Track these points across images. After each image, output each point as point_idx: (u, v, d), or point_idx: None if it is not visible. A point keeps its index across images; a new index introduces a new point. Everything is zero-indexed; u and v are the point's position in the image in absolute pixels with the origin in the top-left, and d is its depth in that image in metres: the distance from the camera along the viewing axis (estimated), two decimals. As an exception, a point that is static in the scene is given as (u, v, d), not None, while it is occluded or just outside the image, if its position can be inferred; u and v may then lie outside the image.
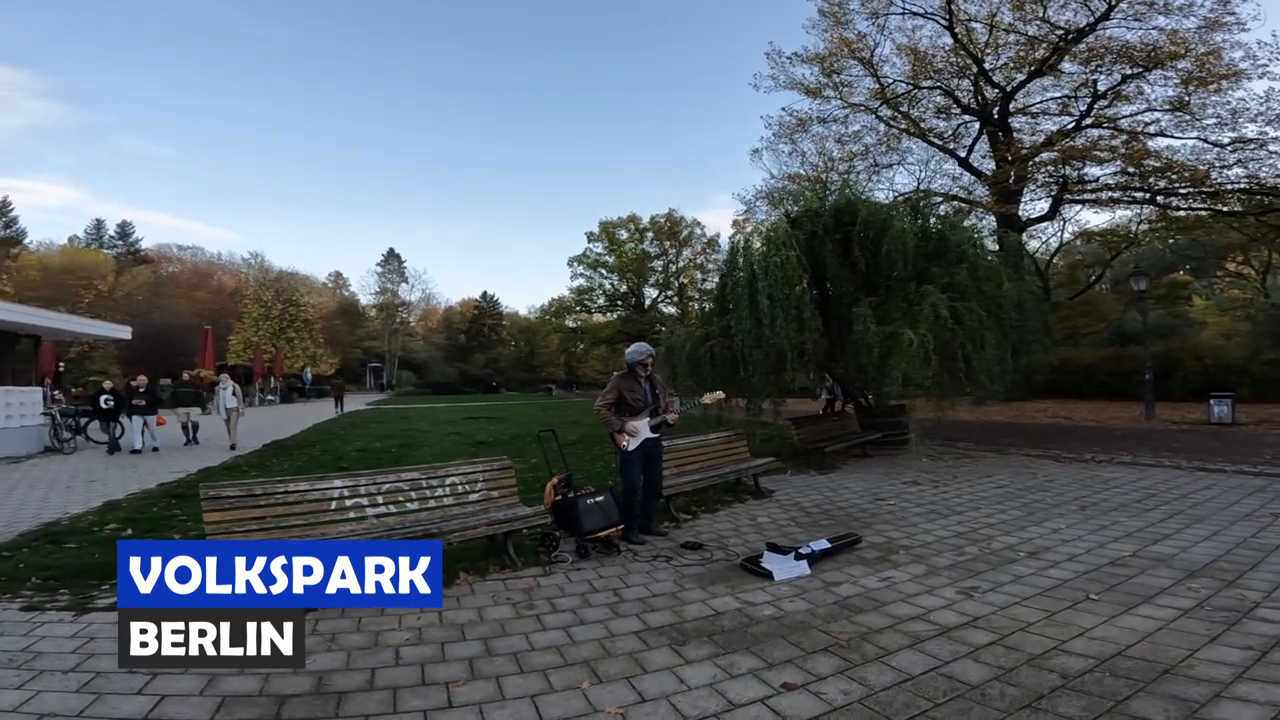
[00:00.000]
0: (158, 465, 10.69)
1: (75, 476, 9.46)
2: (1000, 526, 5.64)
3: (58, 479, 9.20)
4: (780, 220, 9.82)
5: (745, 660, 3.03)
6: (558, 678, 2.97)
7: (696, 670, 2.96)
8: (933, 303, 8.50)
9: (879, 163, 19.86)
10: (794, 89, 19.11)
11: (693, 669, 2.98)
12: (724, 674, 2.91)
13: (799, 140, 20.26)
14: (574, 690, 2.83)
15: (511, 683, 2.94)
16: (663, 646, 3.25)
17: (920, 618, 3.45)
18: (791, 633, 3.32)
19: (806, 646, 3.14)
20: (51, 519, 6.49)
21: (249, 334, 42.30)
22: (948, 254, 9.30)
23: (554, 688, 2.87)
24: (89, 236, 54.98)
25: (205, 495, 4.26)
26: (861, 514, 6.30)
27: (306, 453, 12.75)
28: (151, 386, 13.42)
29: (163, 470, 10.07)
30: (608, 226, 51.20)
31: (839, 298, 9.74)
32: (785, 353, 9.06)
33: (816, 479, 8.44)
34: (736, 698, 2.70)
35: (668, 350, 12.31)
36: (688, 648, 3.22)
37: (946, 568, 4.41)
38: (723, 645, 3.22)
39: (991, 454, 10.44)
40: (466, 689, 2.90)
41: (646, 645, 3.28)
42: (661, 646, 3.25)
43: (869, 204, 9.95)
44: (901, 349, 8.38)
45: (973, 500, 6.85)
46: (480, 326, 72.72)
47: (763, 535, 5.57)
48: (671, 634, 3.41)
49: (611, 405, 5.55)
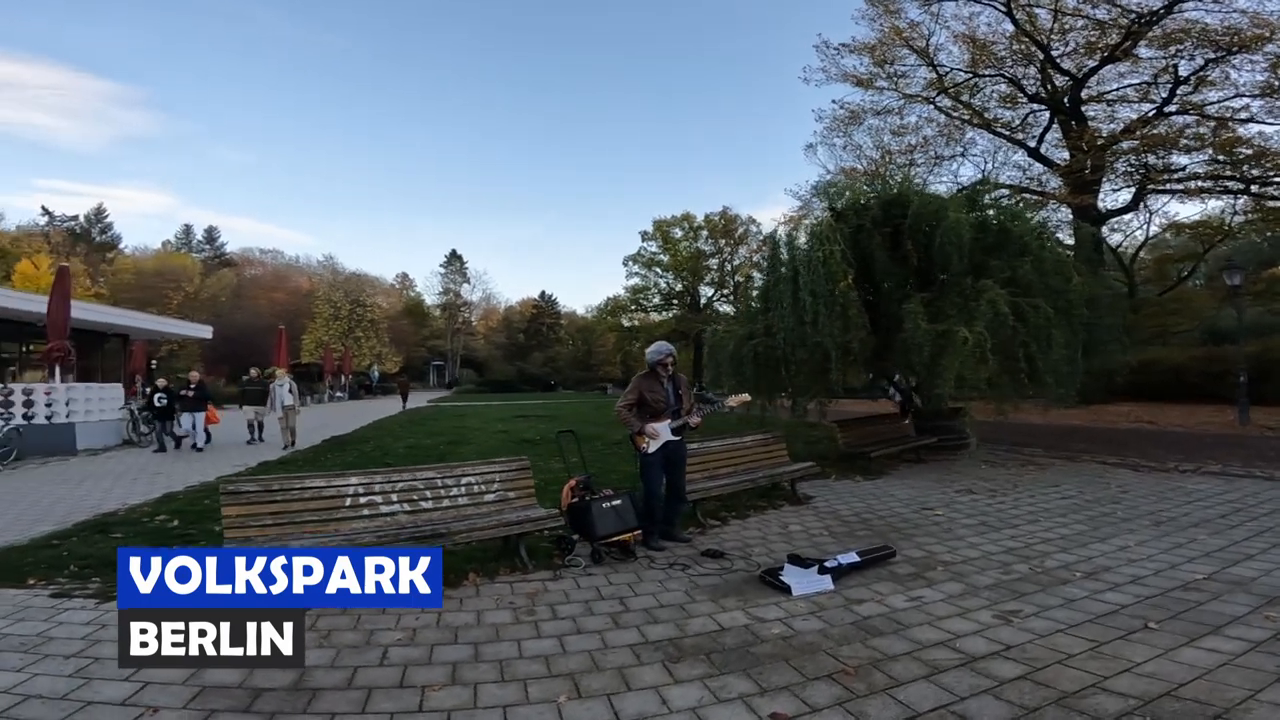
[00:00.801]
0: (221, 460, 11.25)
1: (144, 469, 10.06)
2: (1058, 542, 5.11)
3: (127, 471, 9.80)
4: (824, 214, 9.37)
5: (738, 683, 2.78)
6: (537, 689, 2.82)
7: (683, 691, 2.74)
8: (991, 298, 7.89)
9: (940, 155, 18.82)
10: (845, 81, 18.38)
11: (680, 689, 2.76)
12: (711, 697, 2.68)
13: (853, 134, 19.49)
14: (549, 704, 2.68)
15: (488, 691, 2.81)
16: (656, 662, 3.04)
17: (945, 644, 3.10)
18: (796, 655, 3.04)
19: (809, 672, 2.86)
20: (110, 509, 6.86)
21: (320, 333, 44.51)
22: (1010, 246, 8.61)
23: (529, 700, 2.73)
24: (179, 241, 59.32)
25: (224, 490, 4.35)
26: (903, 525, 5.87)
27: (359, 448, 13.15)
28: (202, 383, 13.24)
29: (225, 464, 10.58)
30: (662, 225, 50.96)
31: (888, 294, 9.21)
32: (829, 352, 8.62)
33: (861, 485, 7.99)
34: (728, 725, 2.47)
35: (711, 349, 12.01)
36: (681, 665, 3.00)
37: (987, 588, 4.00)
38: (719, 665, 2.98)
39: (1061, 461, 9.64)
40: (441, 694, 2.79)
41: (639, 660, 3.08)
42: (654, 662, 3.05)
43: (921, 195, 9.35)
44: (955, 348, 7.82)
45: (1032, 512, 6.28)
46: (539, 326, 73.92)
47: (791, 545, 5.25)
48: (668, 649, 3.20)
49: (632, 406, 5.37)
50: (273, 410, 13.24)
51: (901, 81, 18.20)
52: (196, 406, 12.66)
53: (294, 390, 13.30)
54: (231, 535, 4.19)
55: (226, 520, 4.23)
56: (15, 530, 5.80)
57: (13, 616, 3.67)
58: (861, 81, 18.10)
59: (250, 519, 4.29)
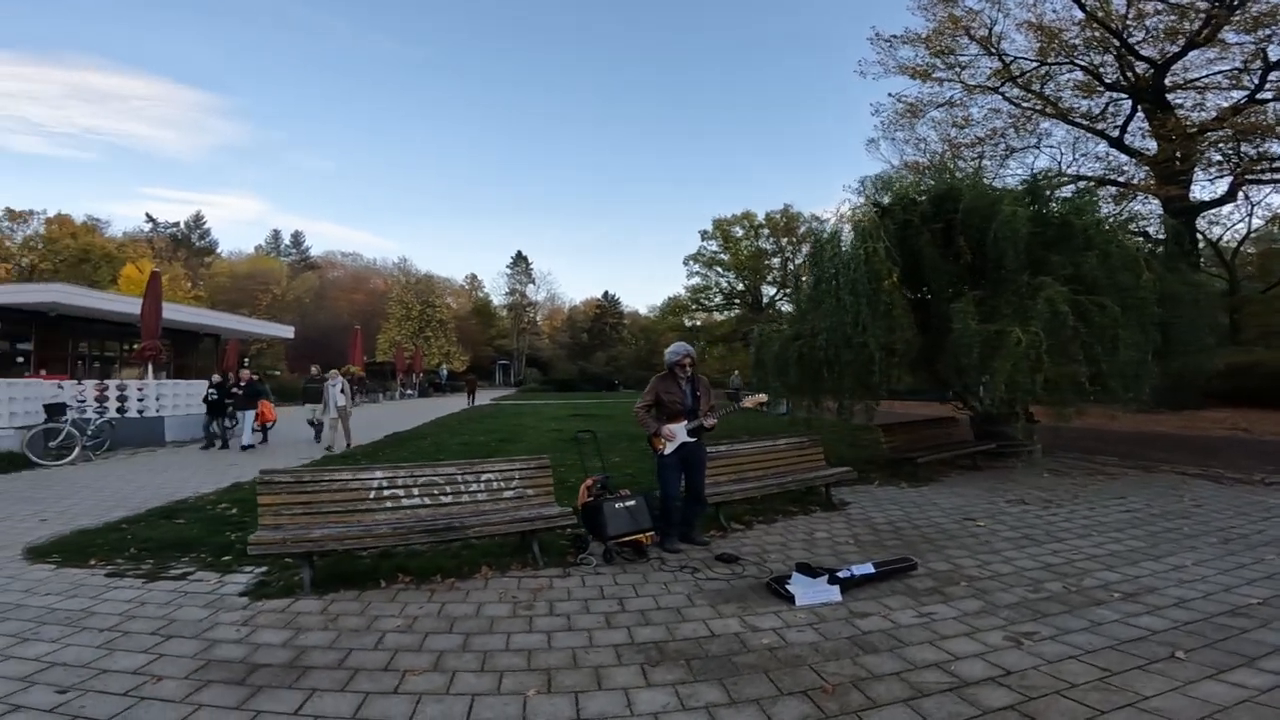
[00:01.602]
0: (291, 454, 11.97)
1: (220, 460, 10.86)
2: (1106, 559, 4.73)
3: (205, 462, 10.61)
4: (869, 210, 9.00)
5: (709, 692, 2.73)
6: (510, 681, 2.88)
7: (651, 695, 2.72)
8: (1049, 296, 7.35)
9: (1012, 146, 17.62)
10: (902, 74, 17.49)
11: (649, 693, 2.74)
12: (677, 703, 2.65)
13: (918, 127, 18.56)
14: (516, 697, 2.73)
15: (463, 680, 2.90)
16: (634, 664, 3.04)
17: (940, 666, 2.93)
18: (778, 667, 2.96)
19: (785, 686, 2.77)
20: (182, 497, 7.44)
21: (393, 333, 46.77)
22: (1073, 241, 8.00)
23: (500, 691, 2.79)
24: (268, 245, 63.83)
25: (260, 480, 4.64)
26: (937, 535, 5.59)
27: (416, 444, 13.70)
28: (253, 380, 12.98)
29: (294, 458, 11.26)
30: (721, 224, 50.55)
31: (938, 293, 8.76)
32: (873, 353, 8.28)
33: (903, 493, 7.66)
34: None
35: (757, 349, 11.80)
36: (659, 669, 2.98)
37: (1009, 606, 3.75)
38: (696, 671, 2.94)
39: (1135, 471, 8.90)
40: (419, 679, 2.91)
41: (619, 661, 3.08)
42: (633, 664, 3.04)
43: (974, 188, 8.83)
44: (1008, 349, 7.34)
45: (1085, 526, 5.84)
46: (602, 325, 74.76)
47: (812, 553, 5.11)
48: (651, 652, 3.18)
49: (649, 408, 5.35)
50: (325, 413, 12.79)
51: (965, 73, 17.19)
52: (246, 404, 12.47)
53: (347, 390, 12.59)
54: (265, 522, 4.46)
55: (261, 508, 4.50)
56: (94, 514, 6.40)
57: (66, 594, 4.05)
58: (918, 73, 17.19)
59: (282, 508, 4.55)
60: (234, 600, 4.04)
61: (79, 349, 17.74)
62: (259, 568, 4.66)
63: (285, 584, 4.31)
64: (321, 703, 2.71)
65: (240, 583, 4.38)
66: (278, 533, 4.35)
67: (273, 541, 4.24)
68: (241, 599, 4.06)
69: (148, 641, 3.31)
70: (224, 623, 3.63)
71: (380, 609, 3.86)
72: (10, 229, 44.12)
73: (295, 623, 3.65)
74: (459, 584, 4.36)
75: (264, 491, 4.57)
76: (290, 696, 2.75)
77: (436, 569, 4.58)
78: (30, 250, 42.58)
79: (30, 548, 5.09)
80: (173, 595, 4.11)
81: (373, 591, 4.20)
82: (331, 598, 4.07)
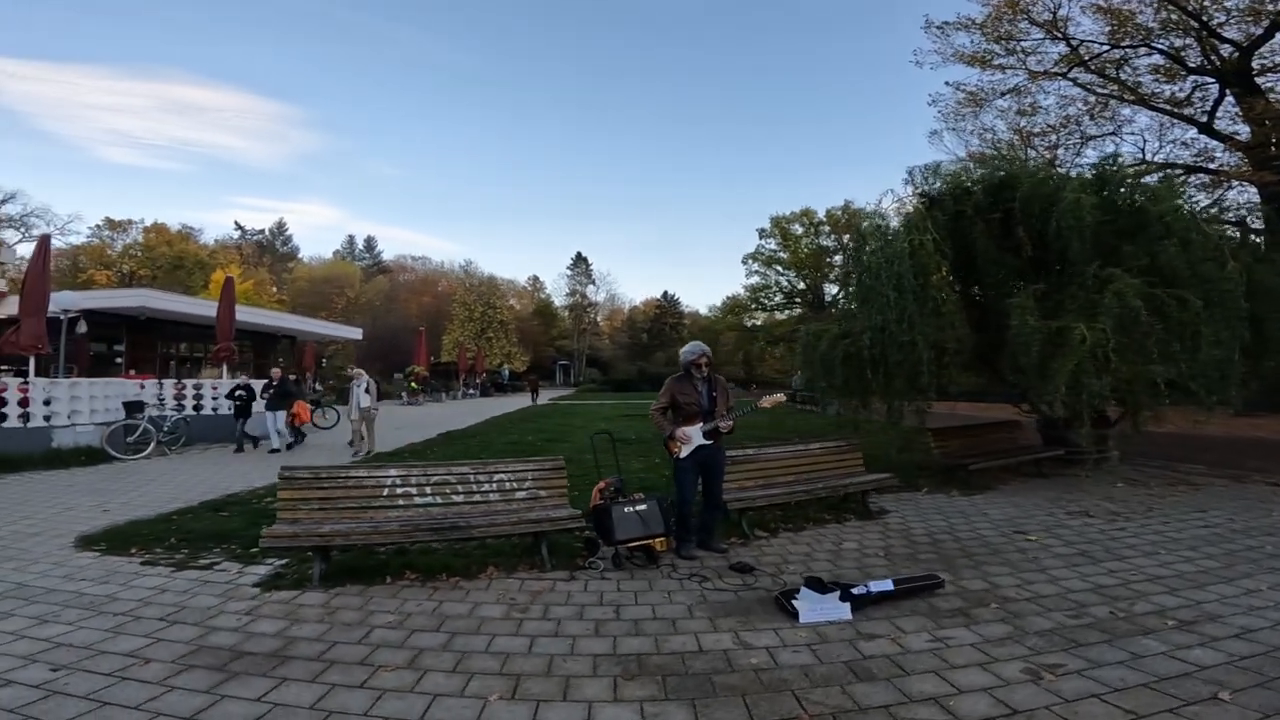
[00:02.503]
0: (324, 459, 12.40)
1: (283, 458, 11.40)
2: (1169, 581, 4.22)
3: (268, 459, 11.17)
4: (915, 201, 8.47)
5: (677, 713, 2.56)
6: (477, 684, 2.82)
7: (615, 711, 2.58)
8: (1118, 290, 6.67)
9: (1088, 134, 16.22)
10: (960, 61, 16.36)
11: (612, 709, 2.60)
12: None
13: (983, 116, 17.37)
14: (477, 701, 2.67)
15: (431, 679, 2.87)
16: (609, 676, 2.90)
17: (938, 700, 2.63)
18: (758, 691, 2.74)
19: (760, 713, 2.56)
20: (234, 491, 7.81)
21: (457, 334, 48.32)
22: (1149, 229, 7.23)
23: (463, 694, 2.74)
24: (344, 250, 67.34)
25: (281, 475, 4.77)
26: (979, 550, 5.15)
27: (465, 443, 13.99)
28: (285, 379, 12.31)
29: (348, 454, 11.70)
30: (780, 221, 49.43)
31: (993, 287, 8.14)
32: (920, 352, 7.78)
33: (952, 501, 7.16)
34: (632, 755, 2.28)
35: (805, 349, 11.38)
36: (632, 684, 2.82)
37: (1039, 633, 3.37)
38: (670, 689, 2.77)
39: (1223, 481, 8.01)
40: (389, 676, 2.89)
41: (593, 672, 2.95)
42: (608, 676, 2.90)
43: (1034, 175, 8.14)
44: (1071, 348, 6.72)
45: (1153, 543, 5.25)
46: (661, 325, 74.68)
47: (836, 564, 4.80)
48: (629, 664, 3.03)
49: (664, 410, 5.18)
50: (350, 418, 11.84)
51: (1031, 59, 15.93)
52: (275, 405, 11.72)
53: (372, 390, 11.48)
54: (283, 516, 4.59)
55: (281, 502, 4.64)
56: (152, 506, 6.80)
57: (98, 580, 4.28)
58: (975, 60, 16.05)
59: (300, 502, 4.67)
60: (246, 590, 4.17)
61: (166, 350, 19.19)
62: (279, 560, 4.79)
63: (297, 577, 4.41)
64: (286, 692, 2.73)
65: (258, 574, 4.51)
66: (292, 527, 4.46)
67: (284, 535, 4.35)
68: (253, 590, 4.19)
69: (153, 627, 3.44)
70: (228, 612, 3.74)
71: (379, 604, 3.88)
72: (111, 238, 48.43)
73: (294, 614, 3.71)
74: (463, 583, 4.35)
75: (284, 487, 4.70)
76: (259, 684, 2.79)
77: (444, 568, 4.58)
78: (130, 258, 46.51)
79: (82, 536, 5.44)
80: (193, 584, 4.28)
81: (377, 587, 4.24)
82: (336, 591, 4.13)
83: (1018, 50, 15.76)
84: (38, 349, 9.67)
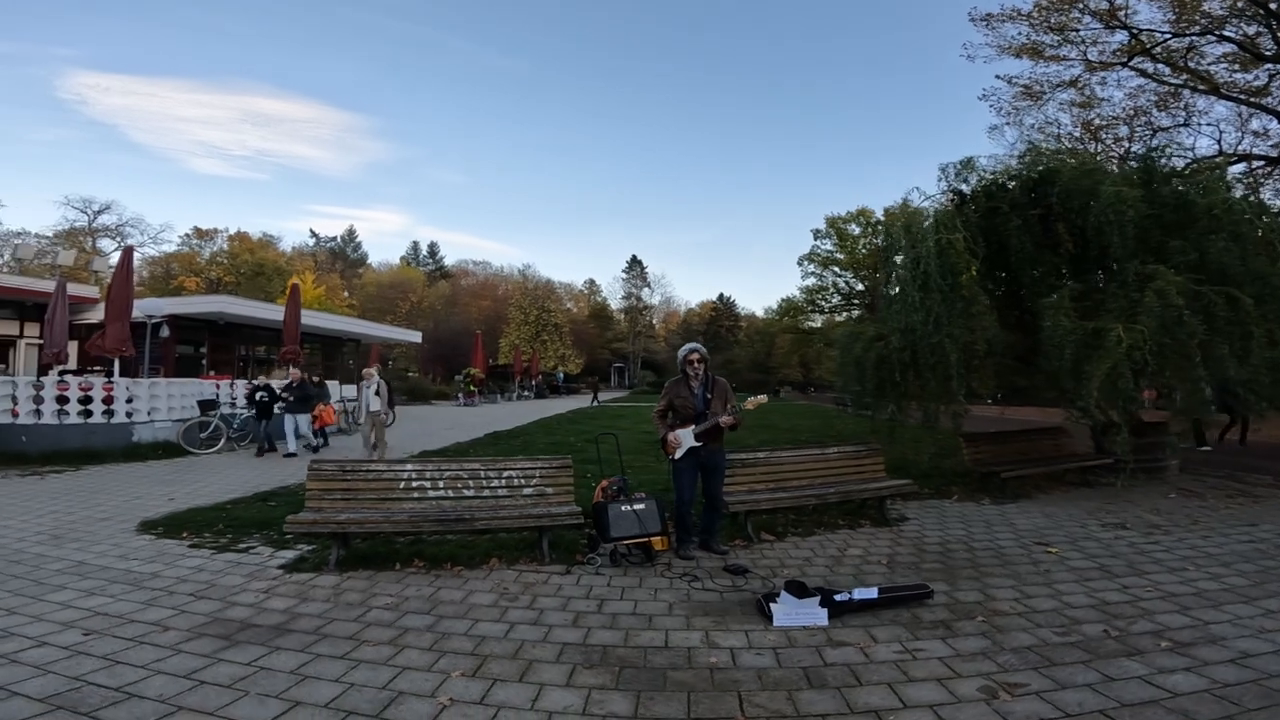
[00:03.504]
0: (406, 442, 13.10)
1: (338, 450, 12.16)
2: (1185, 599, 4.01)
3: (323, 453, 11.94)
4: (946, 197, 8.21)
5: (618, 703, 2.69)
6: (444, 663, 3.05)
7: (561, 695, 2.75)
8: (1159, 288, 6.30)
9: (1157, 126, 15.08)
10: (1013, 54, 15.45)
11: (560, 693, 2.77)
12: (580, 707, 2.66)
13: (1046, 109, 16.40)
14: (439, 675, 2.90)
15: (406, 655, 3.13)
16: (569, 664, 3.07)
17: (878, 713, 2.62)
18: (705, 689, 2.82)
19: (698, 710, 2.63)
20: (287, 485, 8.38)
21: (513, 337, 49.68)
22: (1197, 223, 6.77)
23: (430, 669, 2.98)
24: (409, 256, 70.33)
25: (310, 467, 5.18)
26: (990, 561, 5.00)
27: (510, 442, 14.44)
28: (304, 382, 11.82)
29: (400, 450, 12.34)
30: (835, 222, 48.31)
31: (1030, 286, 7.80)
32: (949, 354, 7.55)
33: (981, 510, 6.94)
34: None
35: (841, 351, 11.20)
36: (588, 672, 2.98)
37: (1016, 650, 3.27)
38: (621, 680, 2.90)
39: (1295, 495, 7.37)
40: (370, 650, 3.18)
41: (557, 659, 3.12)
42: (568, 664, 3.07)
43: (1072, 166, 7.74)
44: (1107, 350, 6.40)
45: (1185, 558, 4.97)
46: (717, 328, 74.36)
47: (834, 571, 4.78)
48: (593, 655, 3.18)
49: (663, 413, 5.31)
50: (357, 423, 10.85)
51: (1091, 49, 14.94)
52: (296, 408, 11.37)
53: (383, 392, 10.32)
54: (310, 505, 4.98)
55: (309, 492, 5.04)
56: (212, 495, 7.42)
57: (147, 559, 4.78)
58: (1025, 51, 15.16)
59: (325, 493, 5.06)
60: (271, 572, 4.56)
61: (244, 352, 20.69)
62: (307, 546, 5.19)
63: (317, 561, 4.78)
64: (274, 659, 3.05)
65: (285, 558, 4.91)
66: (314, 514, 4.84)
67: (305, 521, 4.73)
68: (277, 571, 4.58)
69: (181, 601, 3.85)
70: (250, 590, 4.12)
71: (382, 588, 4.18)
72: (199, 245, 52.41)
73: (305, 594, 4.05)
74: (465, 573, 4.60)
75: (313, 478, 5.10)
76: (253, 651, 3.13)
77: (450, 558, 4.86)
78: (216, 265, 50.21)
79: (145, 521, 6.04)
80: (227, 565, 4.72)
81: (386, 573, 4.55)
82: (348, 575, 4.47)
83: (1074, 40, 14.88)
84: (121, 351, 10.70)
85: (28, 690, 2.66)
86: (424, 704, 2.64)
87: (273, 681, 2.82)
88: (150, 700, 2.60)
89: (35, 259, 35.36)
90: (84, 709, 2.52)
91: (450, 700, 2.66)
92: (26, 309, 17.54)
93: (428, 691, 2.73)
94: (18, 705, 2.54)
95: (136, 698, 2.62)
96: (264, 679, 2.83)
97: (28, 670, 2.85)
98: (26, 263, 31.20)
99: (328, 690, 2.74)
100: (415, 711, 2.59)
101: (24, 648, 3.10)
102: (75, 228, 45.05)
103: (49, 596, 3.88)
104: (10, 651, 3.04)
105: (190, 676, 2.84)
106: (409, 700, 2.67)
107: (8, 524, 5.80)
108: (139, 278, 47.19)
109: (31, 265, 32.80)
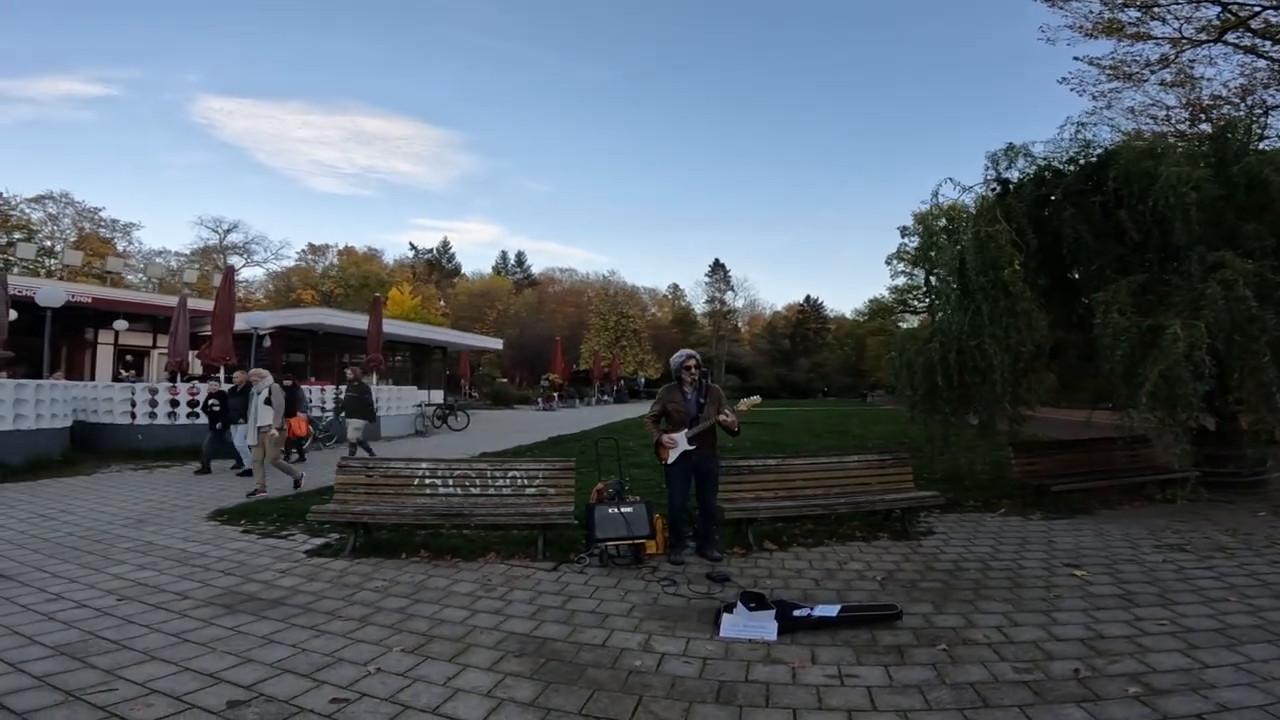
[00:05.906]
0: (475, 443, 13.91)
1: (403, 449, 13.10)
2: (1198, 637, 3.54)
3: (391, 451, 12.89)
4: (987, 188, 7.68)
5: (523, 690, 2.85)
6: (393, 639, 3.39)
7: (475, 677, 2.98)
8: (1225, 279, 5.61)
9: (1268, 104, 13.13)
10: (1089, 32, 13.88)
11: (477, 674, 3.01)
12: (487, 688, 2.87)
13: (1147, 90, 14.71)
14: (383, 649, 3.24)
15: (366, 631, 3.50)
16: (501, 653, 3.27)
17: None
18: (613, 689, 2.88)
19: (593, 709, 2.69)
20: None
21: (594, 343, 50.85)
22: (1275, 204, 5.96)
23: (376, 643, 3.33)
24: (499, 265, 73.64)
25: (339, 464, 5.73)
26: (998, 583, 4.60)
27: (568, 445, 14.84)
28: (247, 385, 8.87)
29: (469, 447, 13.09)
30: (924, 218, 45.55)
31: (1090, 280, 7.16)
32: (991, 357, 7.08)
33: (1024, 526, 6.44)
34: (459, 710, 2.68)
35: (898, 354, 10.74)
36: (514, 661, 3.17)
37: (959, 684, 2.99)
38: (539, 672, 3.06)
39: None
40: (336, 624, 3.58)
41: (494, 646, 3.34)
42: (501, 652, 3.27)
43: (1131, 147, 7.02)
44: (1163, 349, 5.79)
45: (1231, 586, 4.43)
46: (804, 331, 72.40)
47: (819, 586, 4.54)
48: (529, 645, 3.37)
49: (656, 419, 5.41)
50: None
51: (1183, 24, 13.24)
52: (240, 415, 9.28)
53: (277, 402, 8.09)
54: (336, 497, 5.51)
55: (337, 486, 5.56)
56: (282, 490, 8.16)
57: (202, 542, 5.48)
58: (1102, 29, 13.59)
59: (350, 487, 5.58)
60: (296, 556, 5.11)
61: (342, 360, 22.66)
62: (335, 535, 5.72)
63: (337, 548, 5.28)
64: (256, 625, 3.51)
65: (314, 545, 5.46)
66: (335, 506, 5.36)
67: (326, 512, 5.26)
68: (301, 555, 5.12)
69: (210, 576, 4.43)
70: (272, 569, 4.67)
71: (381, 574, 4.58)
72: (314, 260, 57.62)
73: (314, 575, 4.54)
74: (461, 564, 4.93)
75: (340, 474, 5.64)
76: (242, 618, 3.61)
77: (452, 550, 5.21)
78: (327, 278, 55.03)
79: (217, 510, 6.87)
80: (264, 549, 5.32)
81: (391, 561, 4.96)
82: (358, 561, 4.92)
83: (1158, 15, 13.30)
84: (225, 360, 12.12)
85: (47, 640, 3.23)
86: (352, 670, 2.98)
87: (241, 643, 3.27)
88: (135, 651, 3.11)
89: (168, 277, 40.22)
90: (79, 655, 3.05)
91: (376, 669, 2.98)
92: (159, 322, 20.19)
93: (363, 661, 3.06)
94: (33, 651, 3.10)
95: (126, 649, 3.13)
96: (236, 641, 3.29)
97: (57, 625, 3.45)
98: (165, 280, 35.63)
99: (280, 652, 3.15)
100: (341, 675, 2.92)
101: (65, 608, 3.73)
102: (209, 246, 50.80)
103: (108, 569, 4.58)
104: (52, 610, 3.67)
105: (179, 635, 3.34)
106: (342, 666, 3.02)
107: (105, 509, 6.80)
108: (264, 291, 52.79)
109: (169, 282, 37.43)
